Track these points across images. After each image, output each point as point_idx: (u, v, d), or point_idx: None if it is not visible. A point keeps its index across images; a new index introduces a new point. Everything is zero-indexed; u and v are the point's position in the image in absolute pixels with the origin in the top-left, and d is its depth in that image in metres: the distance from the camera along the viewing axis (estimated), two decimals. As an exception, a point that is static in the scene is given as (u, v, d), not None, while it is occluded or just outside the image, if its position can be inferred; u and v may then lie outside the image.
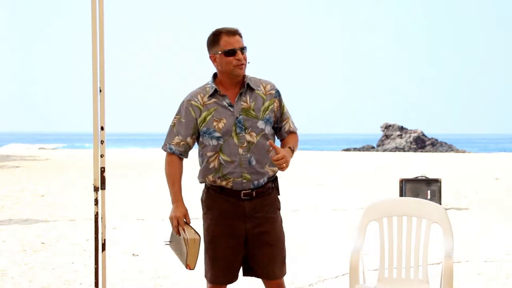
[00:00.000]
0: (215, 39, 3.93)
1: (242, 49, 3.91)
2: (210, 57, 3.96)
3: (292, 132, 4.14)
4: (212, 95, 3.95)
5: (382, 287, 4.61)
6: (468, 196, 14.99)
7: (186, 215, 3.99)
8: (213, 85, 3.96)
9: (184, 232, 3.93)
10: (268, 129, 4.00)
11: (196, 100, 3.95)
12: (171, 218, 3.97)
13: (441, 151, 50.70)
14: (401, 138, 55.14)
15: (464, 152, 49.71)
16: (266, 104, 3.99)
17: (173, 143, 3.99)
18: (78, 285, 6.54)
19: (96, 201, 4.78)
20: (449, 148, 52.89)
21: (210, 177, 3.99)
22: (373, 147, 54.33)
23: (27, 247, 8.39)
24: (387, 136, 55.96)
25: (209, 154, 3.95)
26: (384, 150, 51.30)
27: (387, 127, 56.45)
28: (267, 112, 3.98)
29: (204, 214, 4.11)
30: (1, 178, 19.64)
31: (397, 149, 52.39)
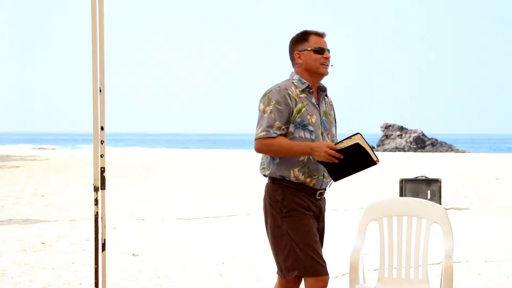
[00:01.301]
0: (304, 37, 4.07)
1: (328, 50, 4.07)
2: (295, 54, 4.07)
3: None
4: (303, 91, 4.04)
5: (382, 287, 4.61)
6: (468, 196, 14.99)
7: (328, 144, 3.85)
8: (304, 81, 4.05)
9: (343, 144, 3.82)
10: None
11: (292, 91, 4.01)
12: (325, 156, 3.80)
13: (441, 151, 50.71)
14: (401, 138, 55.14)
15: (464, 152, 49.73)
16: (332, 113, 4.21)
17: (275, 128, 3.93)
18: (78, 285, 6.53)
19: (96, 201, 4.78)
20: (449, 148, 52.90)
21: (296, 171, 3.98)
22: (373, 147, 54.34)
23: (27, 247, 8.39)
24: (387, 136, 55.97)
25: None
26: (384, 150, 51.33)
27: (387, 127, 56.46)
28: (334, 120, 4.22)
29: (288, 212, 4.00)
30: (1, 178, 19.64)
31: (397, 149, 52.42)
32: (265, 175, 4.13)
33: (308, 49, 4.03)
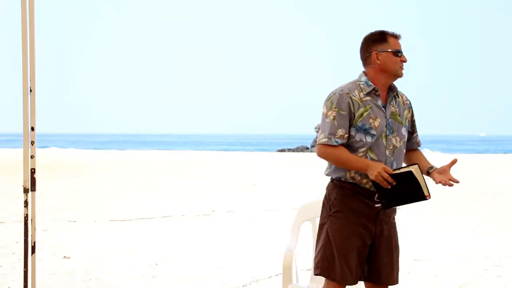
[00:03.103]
0: (382, 37, 4.02)
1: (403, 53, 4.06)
2: (373, 54, 4.00)
3: (418, 146, 4.28)
4: (368, 93, 3.99)
5: (315, 287, 4.65)
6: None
7: (384, 166, 3.83)
8: (371, 83, 4.00)
9: (398, 170, 3.79)
10: (407, 137, 4.14)
11: (355, 95, 3.96)
12: (377, 176, 3.78)
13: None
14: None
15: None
16: (405, 112, 4.11)
17: (337, 136, 3.91)
18: (7, 288, 6.39)
19: (26, 203, 4.68)
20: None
21: (352, 172, 3.94)
22: (307, 148, 54.75)
23: (-47, 251, 8.15)
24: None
25: (360, 150, 3.93)
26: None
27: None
28: (407, 120, 4.13)
29: (335, 212, 3.98)
30: None
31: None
32: (326, 175, 4.11)
33: (388, 51, 3.99)
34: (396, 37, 4.05)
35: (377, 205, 3.93)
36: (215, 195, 15.62)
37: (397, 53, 3.99)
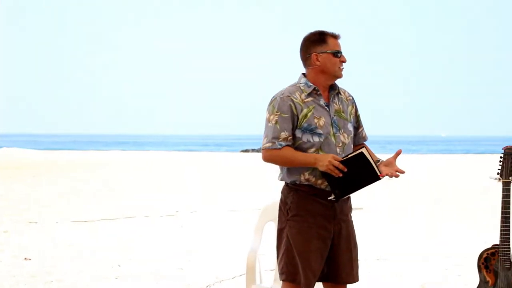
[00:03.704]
0: (322, 38, 3.99)
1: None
2: (313, 56, 3.98)
3: (364, 140, 4.27)
4: (309, 94, 3.97)
5: (278, 287, 4.66)
6: (363, 195, 15.37)
7: (333, 155, 3.83)
8: (311, 84, 3.98)
9: (348, 156, 3.78)
10: (353, 132, 4.12)
11: (296, 97, 3.94)
12: (328, 166, 3.77)
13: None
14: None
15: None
16: (349, 108, 4.10)
17: (280, 140, 3.88)
18: (-34, 291, 6.29)
19: (-15, 203, 4.61)
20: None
21: (306, 174, 3.91)
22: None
23: None
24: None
25: (309, 150, 3.91)
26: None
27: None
28: (352, 116, 4.12)
29: (293, 216, 3.96)
30: None
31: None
32: (280, 180, 4.09)
33: (327, 52, 3.97)
34: (335, 37, 4.04)
35: (330, 198, 3.91)
36: (179, 195, 15.57)
37: (337, 54, 3.99)
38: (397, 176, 3.97)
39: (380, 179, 3.83)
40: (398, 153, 4.03)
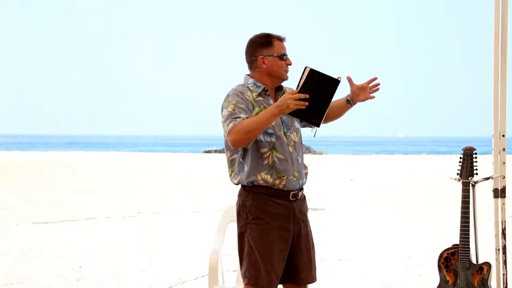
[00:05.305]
0: (268, 41, 3.98)
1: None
2: (260, 58, 3.96)
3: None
4: (259, 94, 3.97)
5: (241, 287, 4.67)
6: (326, 196, 15.48)
7: (286, 94, 3.71)
8: (260, 84, 3.98)
9: (300, 82, 3.67)
10: (304, 124, 4.13)
11: (248, 95, 3.94)
12: (291, 103, 3.64)
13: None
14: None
15: (321, 153, 51.31)
16: None
17: (241, 117, 3.80)
18: None
19: None
20: (307, 149, 54.42)
21: (263, 174, 3.90)
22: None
23: None
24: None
25: (263, 150, 3.89)
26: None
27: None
28: None
29: (253, 219, 3.92)
30: None
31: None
32: (236, 184, 4.05)
33: (274, 55, 3.97)
34: (281, 40, 4.05)
35: (312, 130, 4.00)
36: (141, 196, 15.49)
37: (283, 56, 4.01)
38: (377, 89, 4.04)
39: (339, 81, 3.72)
40: (372, 79, 4.06)
